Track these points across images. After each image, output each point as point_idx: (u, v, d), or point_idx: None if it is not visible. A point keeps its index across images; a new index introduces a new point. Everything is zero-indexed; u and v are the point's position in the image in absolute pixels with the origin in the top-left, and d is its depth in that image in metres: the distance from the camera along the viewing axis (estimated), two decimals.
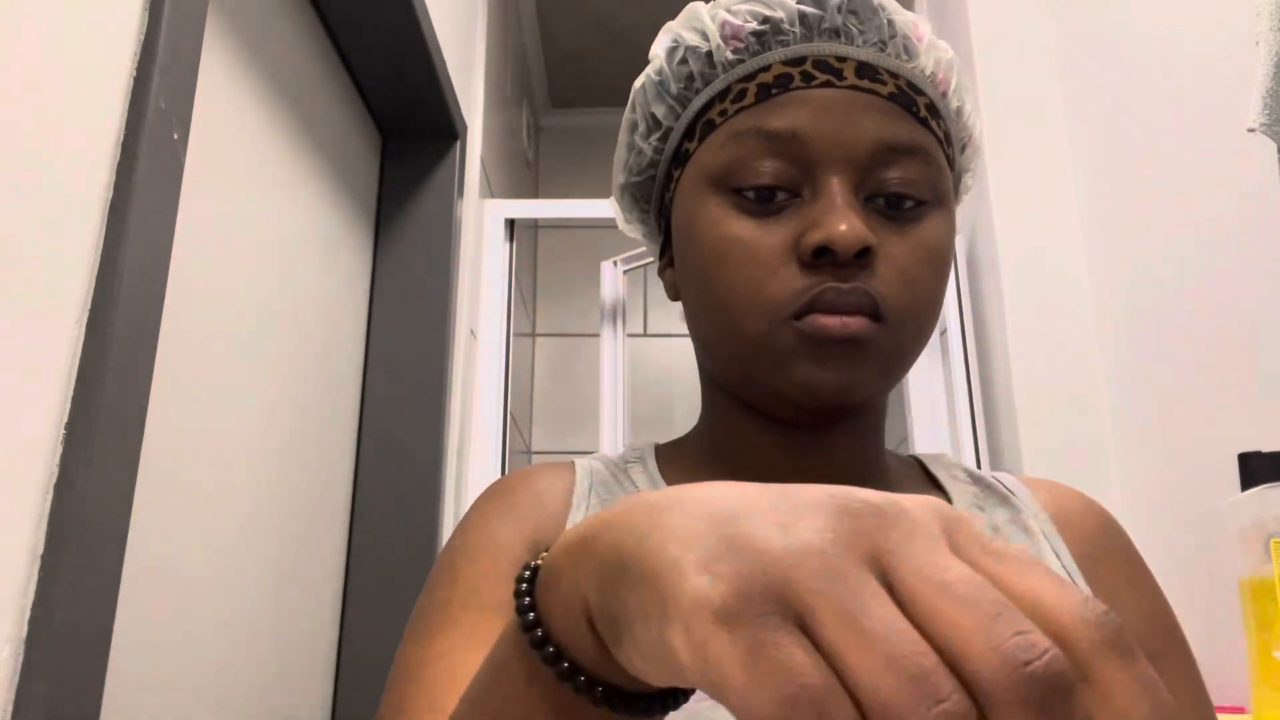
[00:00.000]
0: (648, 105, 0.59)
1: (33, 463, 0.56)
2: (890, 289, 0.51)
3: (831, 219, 0.49)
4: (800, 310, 0.50)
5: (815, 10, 0.54)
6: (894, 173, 0.52)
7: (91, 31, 0.63)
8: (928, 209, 0.53)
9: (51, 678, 0.54)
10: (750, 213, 0.52)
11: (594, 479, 0.59)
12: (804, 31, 0.54)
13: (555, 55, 2.79)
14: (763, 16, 0.54)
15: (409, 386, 1.50)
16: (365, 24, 1.36)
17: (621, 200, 0.65)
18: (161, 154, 0.67)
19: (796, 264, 0.51)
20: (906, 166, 0.52)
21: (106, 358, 0.60)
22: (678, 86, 0.57)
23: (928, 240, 0.53)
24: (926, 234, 0.53)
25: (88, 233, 0.62)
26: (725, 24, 0.55)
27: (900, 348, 0.52)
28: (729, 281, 0.52)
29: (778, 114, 0.52)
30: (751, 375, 0.54)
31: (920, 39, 0.55)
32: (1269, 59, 0.87)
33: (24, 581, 0.55)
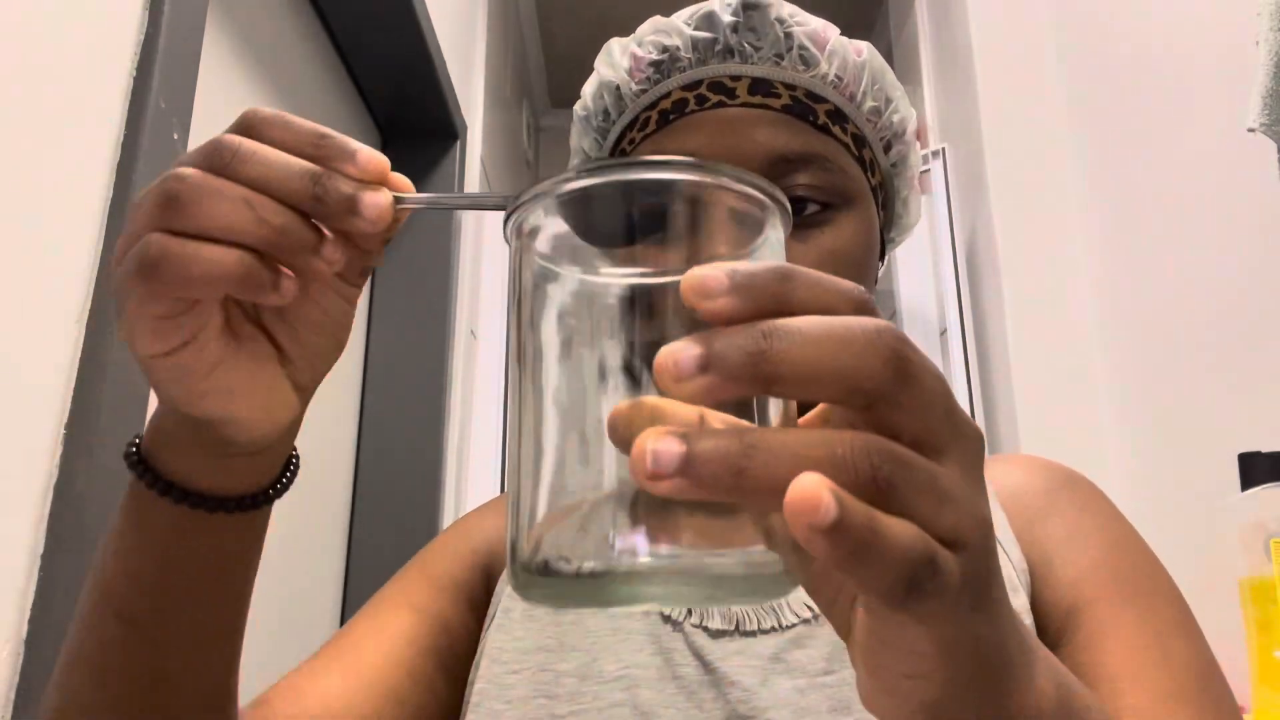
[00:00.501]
0: (578, 139, 0.62)
1: (33, 463, 0.56)
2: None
3: None
4: None
5: (707, 34, 0.55)
6: (793, 183, 0.52)
7: (91, 31, 0.63)
8: (833, 213, 0.53)
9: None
10: None
11: None
12: (699, 56, 0.55)
13: (555, 55, 2.79)
14: (662, 46, 0.56)
15: (409, 386, 1.50)
16: (365, 24, 1.36)
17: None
18: (161, 154, 0.67)
19: None
20: (806, 175, 0.52)
21: (106, 358, 0.60)
22: (598, 120, 0.60)
23: (834, 245, 0.53)
24: (833, 240, 0.53)
25: (88, 233, 0.62)
26: (632, 56, 0.57)
27: None
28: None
29: (675, 138, 0.54)
30: None
31: (823, 45, 0.55)
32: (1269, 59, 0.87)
33: (24, 581, 0.55)
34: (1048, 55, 1.74)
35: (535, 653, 0.51)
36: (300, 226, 0.30)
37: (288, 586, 1.20)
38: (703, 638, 0.50)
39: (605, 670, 0.49)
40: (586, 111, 0.61)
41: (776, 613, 0.50)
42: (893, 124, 0.59)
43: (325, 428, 1.34)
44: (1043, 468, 0.60)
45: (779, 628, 0.50)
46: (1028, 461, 0.61)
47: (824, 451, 0.21)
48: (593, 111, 0.60)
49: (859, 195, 0.55)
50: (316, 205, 0.30)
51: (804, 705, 0.47)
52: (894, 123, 0.59)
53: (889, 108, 0.58)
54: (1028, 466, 0.60)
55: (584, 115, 0.61)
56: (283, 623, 1.18)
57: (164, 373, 0.32)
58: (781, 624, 0.50)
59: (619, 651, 0.50)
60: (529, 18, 2.61)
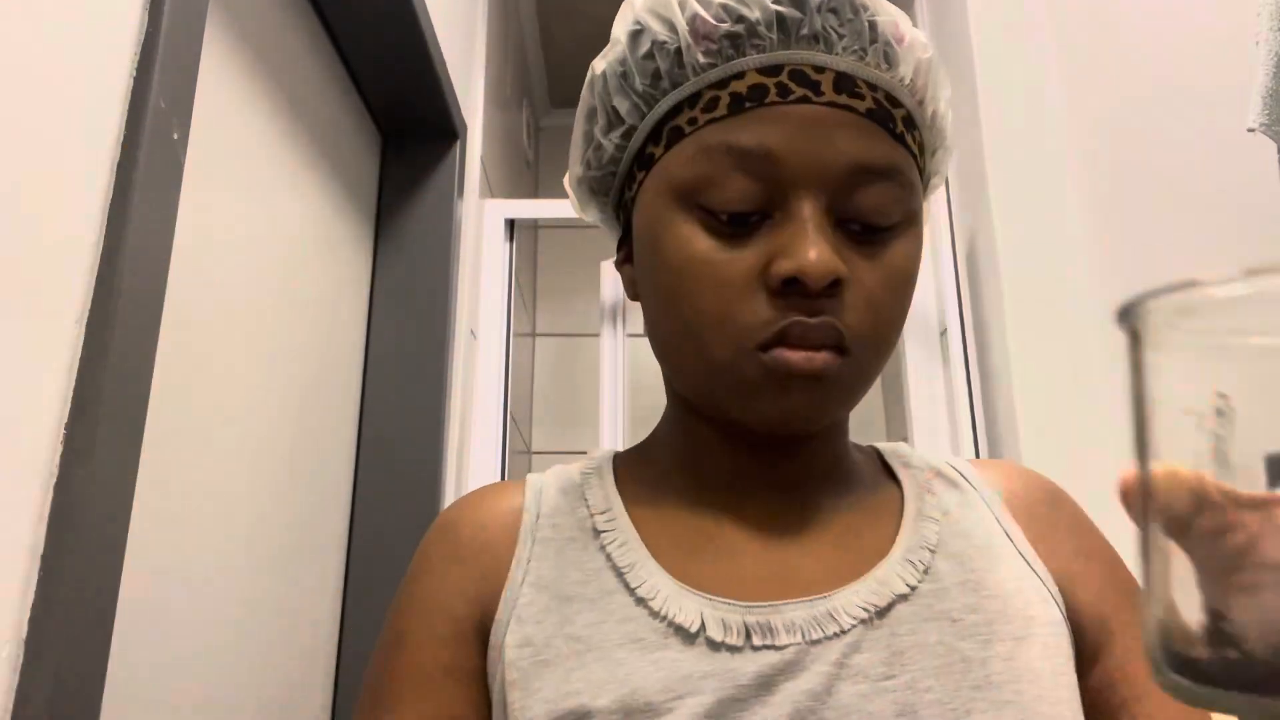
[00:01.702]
0: (609, 97, 0.55)
1: (33, 463, 0.56)
2: (857, 319, 0.50)
3: (802, 247, 0.48)
4: (767, 342, 0.49)
5: (794, 12, 0.50)
6: (868, 197, 0.50)
7: (91, 31, 0.63)
8: (898, 231, 0.52)
9: (51, 678, 0.54)
10: (719, 234, 0.50)
11: (543, 506, 0.57)
12: (781, 36, 0.50)
13: (555, 55, 2.79)
14: (738, 15, 0.50)
15: (409, 386, 1.50)
16: (365, 24, 1.36)
17: (578, 191, 0.62)
18: (161, 154, 0.67)
19: (765, 291, 0.49)
20: (881, 190, 0.50)
21: (106, 358, 0.60)
22: (643, 83, 0.53)
23: (897, 265, 0.51)
24: (896, 259, 0.51)
25: (88, 233, 0.62)
26: (697, 19, 0.51)
27: (863, 375, 0.52)
28: (695, 305, 0.51)
29: (751, 130, 0.50)
30: (713, 398, 0.53)
31: (901, 40, 0.52)
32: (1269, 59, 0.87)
33: (24, 581, 0.55)
34: (1048, 55, 1.74)
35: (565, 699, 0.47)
36: None
37: (287, 586, 1.20)
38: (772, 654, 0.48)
39: (653, 701, 0.46)
40: (625, 68, 0.54)
41: (834, 618, 0.49)
42: (944, 129, 0.56)
43: (325, 427, 1.34)
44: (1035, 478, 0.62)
45: (840, 632, 0.49)
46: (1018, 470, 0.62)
47: None
48: (636, 71, 0.53)
49: (919, 210, 0.54)
50: None
51: (871, 711, 0.46)
52: (943, 128, 0.56)
53: (940, 110, 0.56)
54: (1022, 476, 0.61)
55: (622, 72, 0.54)
56: (282, 624, 1.18)
57: None
58: (842, 628, 0.49)
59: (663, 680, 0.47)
60: (529, 18, 2.62)
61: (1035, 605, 0.52)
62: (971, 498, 0.58)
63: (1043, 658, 0.49)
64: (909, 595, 0.51)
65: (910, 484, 0.59)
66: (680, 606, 0.50)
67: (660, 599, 0.50)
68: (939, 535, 0.54)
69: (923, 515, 0.56)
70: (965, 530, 0.55)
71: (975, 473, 0.61)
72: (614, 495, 0.58)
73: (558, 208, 2.03)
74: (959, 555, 0.53)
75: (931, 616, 0.50)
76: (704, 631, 0.49)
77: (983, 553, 0.54)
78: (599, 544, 0.54)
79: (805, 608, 0.50)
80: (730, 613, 0.50)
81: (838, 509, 0.56)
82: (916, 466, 0.61)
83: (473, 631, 0.53)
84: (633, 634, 0.49)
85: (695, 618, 0.49)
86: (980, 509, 0.57)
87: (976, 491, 0.59)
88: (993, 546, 0.55)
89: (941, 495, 0.58)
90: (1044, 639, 0.50)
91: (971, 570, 0.53)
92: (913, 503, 0.57)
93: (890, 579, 0.51)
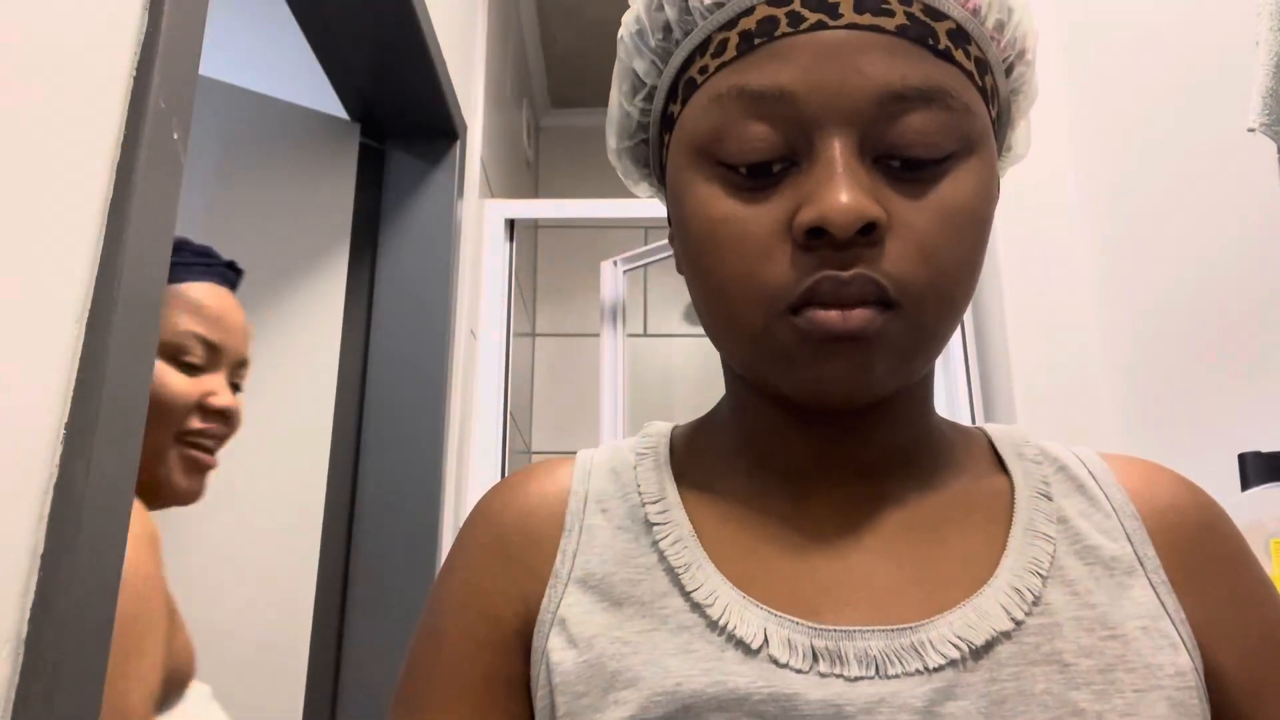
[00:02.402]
0: (628, 60, 0.52)
1: (33, 463, 0.56)
2: (904, 268, 0.43)
3: (827, 192, 0.42)
4: (797, 303, 0.43)
5: None
6: (908, 127, 0.43)
7: (91, 31, 0.63)
8: (954, 162, 0.44)
9: (51, 678, 0.54)
10: (740, 188, 0.45)
11: (591, 487, 0.52)
12: None
13: (555, 55, 2.79)
14: None
15: (409, 386, 1.50)
16: (365, 24, 1.36)
17: (621, 163, 0.57)
18: (161, 154, 0.67)
19: (791, 247, 0.43)
20: (923, 117, 0.43)
21: (106, 358, 0.60)
22: (656, 39, 0.49)
23: (954, 201, 0.44)
24: (953, 194, 0.44)
25: (88, 233, 0.61)
26: None
27: (923, 333, 0.44)
28: (720, 270, 0.45)
29: (762, 69, 0.44)
30: (756, 370, 0.48)
31: None
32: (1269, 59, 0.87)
33: (24, 581, 0.55)
34: (1048, 55, 1.74)
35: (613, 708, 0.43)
36: None
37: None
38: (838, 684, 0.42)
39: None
40: (640, 26, 0.50)
41: (920, 653, 0.42)
42: (1016, 40, 0.48)
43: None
44: (1188, 490, 0.51)
45: (925, 670, 0.42)
46: (1167, 477, 0.52)
47: None
48: (648, 27, 0.49)
49: (982, 136, 0.46)
50: None
51: None
52: (1018, 38, 0.48)
53: (1011, 19, 0.48)
54: (1171, 486, 0.51)
55: (637, 30, 0.50)
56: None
57: None
58: (927, 666, 0.42)
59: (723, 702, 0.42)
60: (529, 18, 2.62)
61: (1163, 651, 0.43)
62: (1101, 505, 0.49)
63: (1169, 715, 0.42)
64: (1013, 633, 0.43)
65: (1024, 481, 0.50)
66: (742, 619, 0.44)
67: (719, 607, 0.45)
68: (1053, 555, 0.46)
69: (1035, 526, 0.47)
70: (1088, 548, 0.47)
71: (1110, 474, 0.51)
72: (669, 482, 0.51)
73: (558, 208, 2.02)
74: (1075, 583, 0.45)
75: (1039, 659, 0.42)
76: (766, 648, 0.43)
77: (1106, 581, 0.46)
78: (651, 538, 0.48)
79: (884, 637, 0.43)
80: (796, 632, 0.44)
81: (924, 505, 0.49)
82: (1033, 459, 0.51)
83: (514, 636, 0.48)
84: (687, 645, 0.44)
85: (758, 633, 0.44)
86: (1111, 523, 0.48)
87: (1108, 499, 0.50)
88: (1119, 573, 0.46)
89: (1061, 499, 0.49)
90: (1170, 692, 0.42)
91: (1090, 604, 0.44)
92: (1025, 508, 0.48)
93: (991, 610, 0.44)
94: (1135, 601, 0.45)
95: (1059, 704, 0.41)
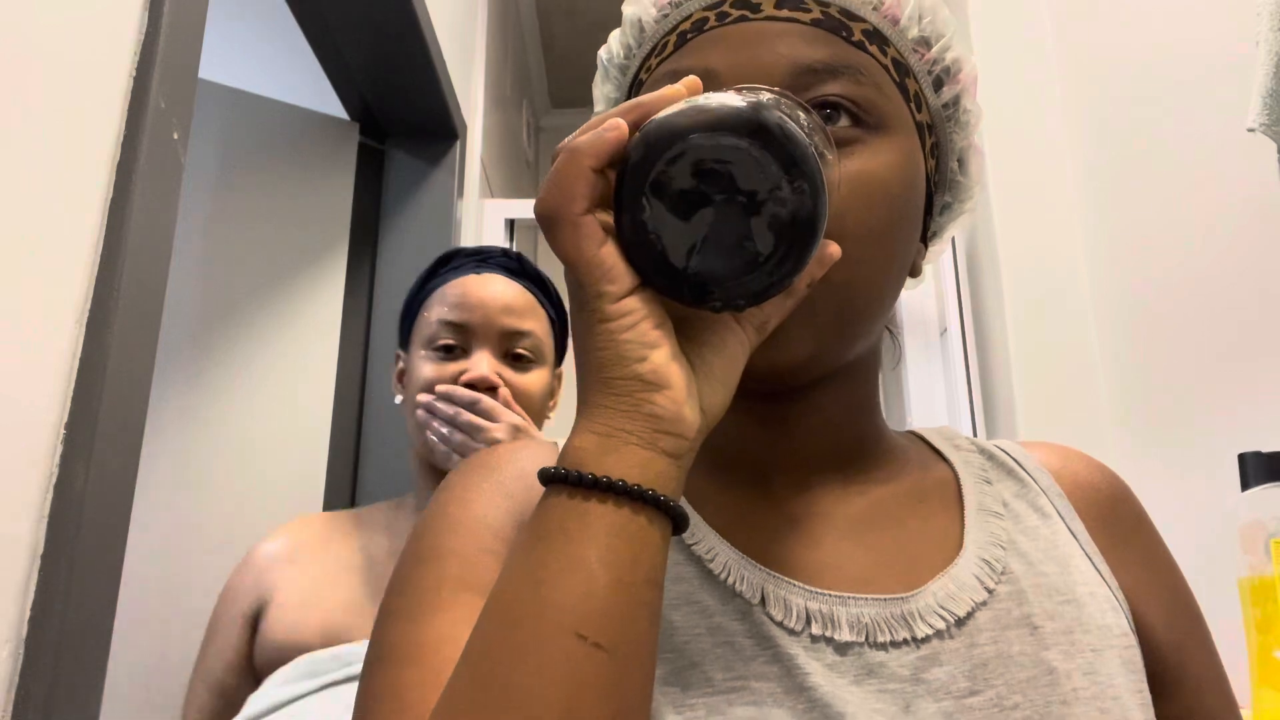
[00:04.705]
0: (600, 88, 0.58)
1: (33, 463, 0.56)
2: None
3: None
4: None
5: None
6: (819, 94, 0.47)
7: (91, 31, 0.63)
8: (866, 133, 0.47)
9: (51, 678, 0.54)
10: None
11: None
12: None
13: (555, 55, 2.79)
14: None
15: None
16: (365, 24, 1.36)
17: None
18: (161, 154, 0.67)
19: None
20: (831, 87, 0.47)
21: (106, 358, 0.60)
22: (619, 59, 0.56)
23: (863, 173, 0.46)
24: (863, 166, 0.46)
25: (88, 233, 0.62)
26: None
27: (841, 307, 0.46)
28: None
29: (692, 55, 0.49)
30: None
31: None
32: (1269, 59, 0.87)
33: (24, 581, 0.55)
34: (1048, 55, 1.74)
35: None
36: None
37: None
38: (829, 652, 0.43)
39: (714, 678, 0.42)
40: (609, 54, 0.56)
41: (909, 623, 0.44)
42: (944, 60, 0.52)
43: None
44: (1099, 469, 0.55)
45: (912, 640, 0.44)
46: (1080, 458, 0.56)
47: None
48: (614, 53, 0.56)
49: (897, 121, 0.49)
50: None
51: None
52: (946, 59, 0.52)
53: (939, 42, 0.52)
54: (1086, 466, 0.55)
55: (606, 58, 0.56)
56: None
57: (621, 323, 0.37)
58: (915, 636, 0.44)
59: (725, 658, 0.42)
60: (529, 18, 2.61)
61: (1109, 614, 0.47)
62: (1030, 487, 0.53)
63: (1122, 673, 0.45)
64: (988, 601, 0.46)
65: (965, 469, 0.53)
66: (742, 576, 0.45)
67: (720, 563, 0.45)
68: (1007, 531, 0.49)
69: (986, 506, 0.50)
70: (1029, 527, 0.50)
71: (1032, 459, 0.55)
72: None
73: None
74: (1027, 554, 0.48)
75: (1012, 624, 0.45)
76: (764, 606, 0.44)
77: (1051, 553, 0.49)
78: None
79: (877, 605, 0.44)
80: (793, 593, 0.45)
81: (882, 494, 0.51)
82: (967, 449, 0.55)
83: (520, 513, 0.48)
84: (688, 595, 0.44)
85: (756, 591, 0.44)
86: (1041, 502, 0.52)
87: (1035, 481, 0.53)
88: (1059, 546, 0.50)
89: (997, 484, 0.52)
90: (1119, 651, 0.46)
91: (1043, 573, 0.48)
92: (973, 491, 0.51)
93: (968, 582, 0.46)
94: (1078, 569, 0.49)
95: (1034, 663, 0.44)
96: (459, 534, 0.47)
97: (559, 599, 0.35)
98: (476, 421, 0.93)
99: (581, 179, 0.37)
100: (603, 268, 0.38)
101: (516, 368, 1.02)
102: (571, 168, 0.37)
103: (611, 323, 0.38)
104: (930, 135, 0.53)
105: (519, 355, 1.02)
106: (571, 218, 0.37)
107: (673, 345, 0.39)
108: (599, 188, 0.38)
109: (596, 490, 0.36)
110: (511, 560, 0.37)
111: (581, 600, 0.35)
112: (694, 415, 0.38)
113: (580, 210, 0.37)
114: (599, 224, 0.38)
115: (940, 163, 0.55)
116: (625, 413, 0.38)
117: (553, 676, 0.34)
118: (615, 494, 0.36)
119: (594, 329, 0.38)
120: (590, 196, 0.38)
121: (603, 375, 0.38)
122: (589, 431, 0.38)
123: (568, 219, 0.37)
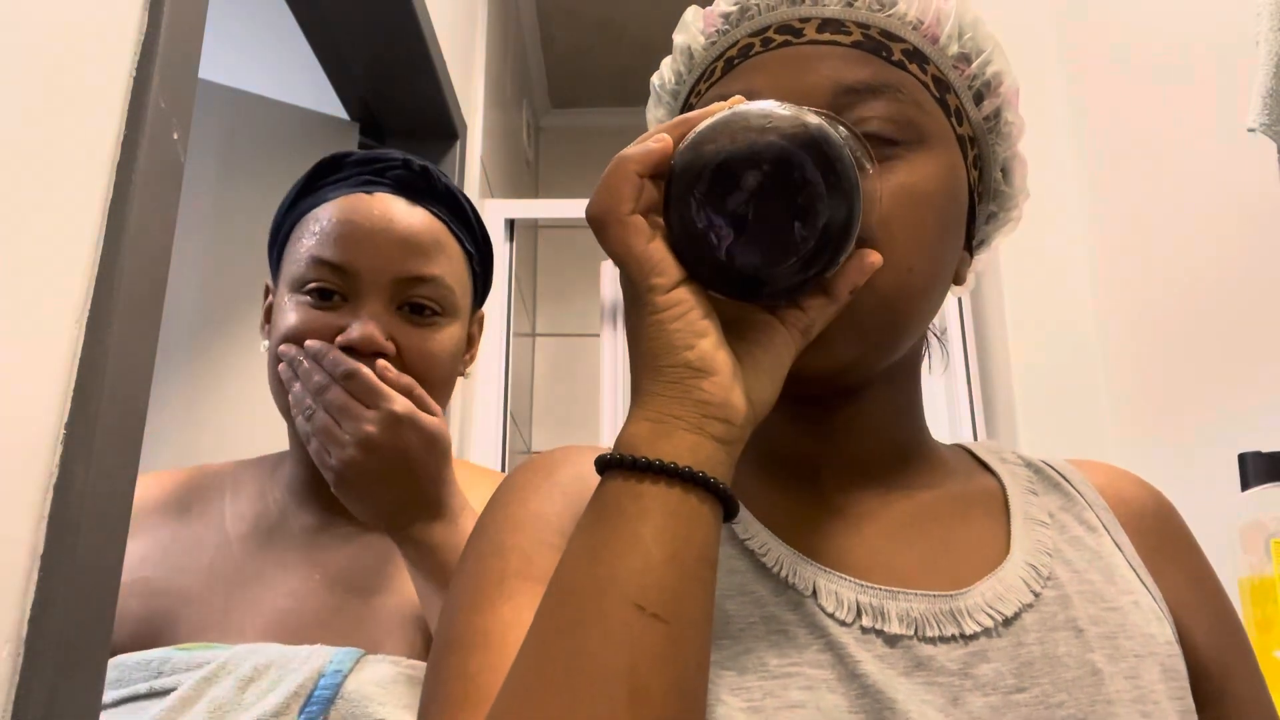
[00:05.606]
0: (653, 111, 0.60)
1: (33, 463, 0.56)
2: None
3: None
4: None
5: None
6: (860, 113, 0.48)
7: (91, 32, 0.63)
8: (907, 149, 0.49)
9: (51, 678, 0.54)
10: None
11: None
12: (769, 3, 0.53)
13: (555, 55, 2.79)
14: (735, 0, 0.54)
15: None
16: (365, 24, 1.36)
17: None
18: (161, 154, 0.67)
19: None
20: (874, 106, 0.49)
21: (106, 358, 0.60)
22: (671, 85, 0.58)
23: (905, 186, 0.48)
24: (905, 179, 0.48)
25: (88, 233, 0.62)
26: (704, 16, 0.56)
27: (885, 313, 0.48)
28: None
29: (739, 79, 0.52)
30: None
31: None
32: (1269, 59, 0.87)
33: (24, 581, 0.55)
34: (1048, 55, 1.74)
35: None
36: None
37: None
38: (879, 644, 0.44)
39: (768, 663, 0.43)
40: (661, 81, 0.59)
41: (958, 620, 0.45)
42: (985, 74, 0.54)
43: None
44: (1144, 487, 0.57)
45: (960, 637, 0.45)
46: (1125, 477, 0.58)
47: None
48: (666, 79, 0.58)
49: (939, 136, 0.51)
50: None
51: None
52: (986, 73, 0.54)
53: (979, 57, 0.54)
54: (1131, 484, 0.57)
55: (658, 84, 0.59)
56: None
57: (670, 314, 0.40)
58: (963, 633, 0.45)
59: (779, 646, 0.44)
60: (529, 18, 2.62)
61: (1152, 623, 0.48)
62: (1077, 500, 0.54)
63: (1163, 680, 0.46)
64: (1034, 603, 0.47)
65: (1011, 481, 0.55)
66: (794, 569, 0.46)
67: (773, 558, 0.47)
68: (1053, 539, 0.51)
69: (1032, 515, 0.52)
70: (1075, 537, 0.52)
71: (1080, 475, 0.57)
72: None
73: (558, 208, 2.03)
74: (1073, 563, 0.50)
75: (1058, 626, 0.46)
76: (816, 599, 0.45)
77: (1094, 563, 0.50)
78: None
79: (927, 601, 0.46)
80: (844, 586, 0.46)
81: (927, 499, 0.52)
82: (1014, 463, 0.57)
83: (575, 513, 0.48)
84: (741, 586, 0.46)
85: (808, 584, 0.46)
86: (1088, 516, 0.53)
87: (1081, 495, 0.55)
88: (1103, 557, 0.51)
89: (1044, 496, 0.54)
90: (1161, 659, 0.47)
91: (1088, 580, 0.49)
92: (1019, 501, 0.53)
93: (1014, 584, 0.48)
94: (1123, 579, 0.50)
95: (1079, 664, 0.45)
96: (519, 531, 0.49)
97: (618, 574, 0.37)
98: (349, 405, 0.69)
99: (628, 183, 0.41)
100: (651, 261, 0.41)
101: (416, 322, 0.78)
102: (619, 173, 0.41)
103: (661, 313, 0.41)
104: (973, 148, 0.54)
105: (420, 306, 0.78)
106: (620, 217, 0.41)
107: (719, 335, 0.41)
108: (646, 192, 0.41)
109: (649, 473, 0.39)
110: (572, 543, 0.40)
111: (639, 574, 0.37)
112: (740, 402, 0.41)
113: (628, 210, 0.41)
114: (646, 223, 0.41)
115: (984, 173, 0.56)
116: (676, 399, 0.40)
117: (615, 645, 0.36)
118: (667, 476, 0.39)
119: (645, 320, 0.41)
120: (637, 199, 0.41)
121: (655, 364, 0.41)
122: (642, 419, 0.40)
123: (617, 218, 0.41)
